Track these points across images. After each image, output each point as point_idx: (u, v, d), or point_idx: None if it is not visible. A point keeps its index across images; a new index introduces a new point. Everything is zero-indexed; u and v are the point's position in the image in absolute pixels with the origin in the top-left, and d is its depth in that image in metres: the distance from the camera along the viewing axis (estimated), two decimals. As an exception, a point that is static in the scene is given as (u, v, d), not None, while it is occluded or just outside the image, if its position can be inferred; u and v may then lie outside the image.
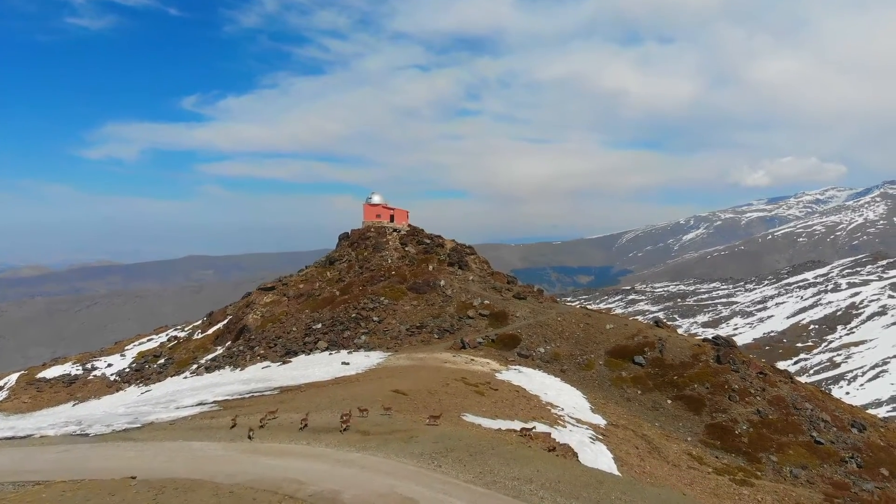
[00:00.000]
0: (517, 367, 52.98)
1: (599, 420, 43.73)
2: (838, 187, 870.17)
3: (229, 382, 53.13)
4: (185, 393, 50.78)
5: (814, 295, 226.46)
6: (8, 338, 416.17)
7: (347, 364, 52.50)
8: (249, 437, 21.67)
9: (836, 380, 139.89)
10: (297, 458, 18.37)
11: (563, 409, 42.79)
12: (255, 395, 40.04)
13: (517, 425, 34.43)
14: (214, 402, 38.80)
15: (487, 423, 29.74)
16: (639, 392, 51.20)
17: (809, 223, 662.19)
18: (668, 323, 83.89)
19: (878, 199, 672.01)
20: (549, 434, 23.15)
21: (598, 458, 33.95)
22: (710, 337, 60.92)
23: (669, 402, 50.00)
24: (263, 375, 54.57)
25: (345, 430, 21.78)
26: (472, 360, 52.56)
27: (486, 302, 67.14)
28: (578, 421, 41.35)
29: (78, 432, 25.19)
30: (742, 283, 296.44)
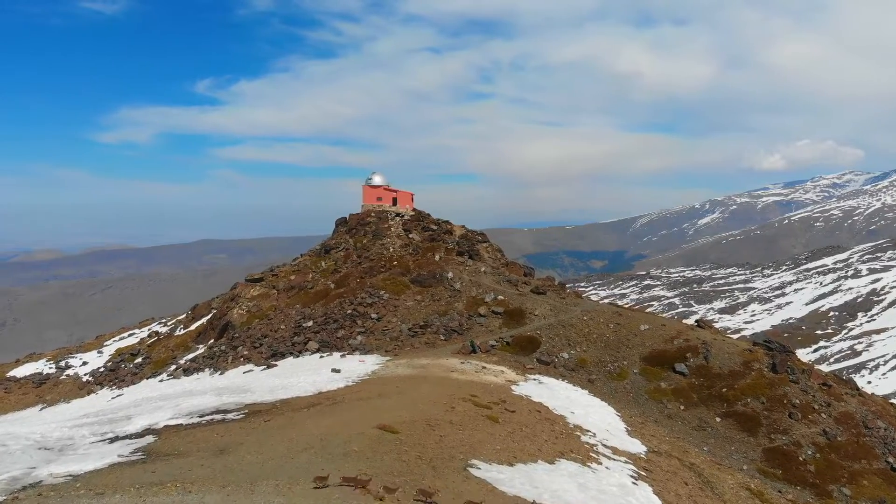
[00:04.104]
0: (537, 376, 45.19)
1: (639, 447, 35.96)
2: (855, 171, 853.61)
3: (202, 391, 46.67)
4: (151, 403, 44.97)
5: (833, 281, 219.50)
6: (23, 321, 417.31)
7: (338, 371, 45.14)
8: None
9: (858, 368, 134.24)
10: None
11: (594, 435, 35.04)
12: (216, 418, 32.67)
13: (541, 469, 26.79)
14: (164, 426, 31.64)
15: (505, 477, 22.06)
16: (681, 407, 43.27)
17: (826, 207, 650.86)
18: (708, 320, 75.88)
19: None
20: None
21: (648, 512, 26.24)
22: (761, 341, 52.83)
23: (718, 420, 42.12)
24: (241, 383, 47.70)
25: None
26: (484, 367, 44.89)
27: (500, 297, 59.16)
28: (614, 451, 33.58)
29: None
30: (759, 269, 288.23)
